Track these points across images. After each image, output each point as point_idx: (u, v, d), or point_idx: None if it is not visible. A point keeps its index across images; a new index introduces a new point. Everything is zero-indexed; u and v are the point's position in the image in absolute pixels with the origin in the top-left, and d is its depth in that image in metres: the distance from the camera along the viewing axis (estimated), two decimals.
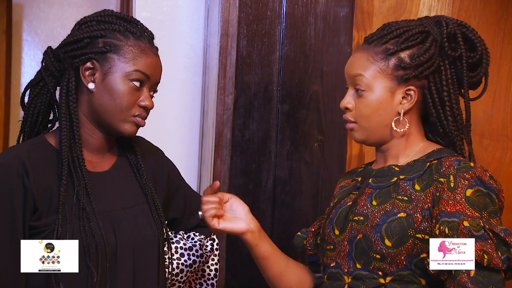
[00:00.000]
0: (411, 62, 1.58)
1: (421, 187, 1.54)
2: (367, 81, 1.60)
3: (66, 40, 1.62)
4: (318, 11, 2.30)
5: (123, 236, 1.59)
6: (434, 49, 1.60)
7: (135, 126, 1.62)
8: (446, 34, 1.61)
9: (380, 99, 1.59)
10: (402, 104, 1.60)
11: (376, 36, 1.64)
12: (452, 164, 1.52)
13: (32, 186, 1.52)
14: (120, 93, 1.58)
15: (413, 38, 1.60)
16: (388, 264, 1.51)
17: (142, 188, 1.68)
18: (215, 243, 1.90)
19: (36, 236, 1.53)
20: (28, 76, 3.09)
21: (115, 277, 1.58)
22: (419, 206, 1.51)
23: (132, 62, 1.59)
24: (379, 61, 1.60)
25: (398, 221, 1.51)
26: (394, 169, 1.60)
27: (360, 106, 1.61)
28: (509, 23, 2.38)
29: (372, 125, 1.61)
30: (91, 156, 1.64)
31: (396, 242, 1.50)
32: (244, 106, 2.27)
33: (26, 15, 3.09)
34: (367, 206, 1.58)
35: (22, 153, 1.55)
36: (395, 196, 1.55)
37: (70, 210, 1.54)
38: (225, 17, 2.24)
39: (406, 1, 2.32)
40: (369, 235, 1.54)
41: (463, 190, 1.47)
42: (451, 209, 1.46)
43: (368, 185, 1.63)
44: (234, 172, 2.27)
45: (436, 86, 1.61)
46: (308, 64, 2.30)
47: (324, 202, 2.32)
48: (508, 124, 2.41)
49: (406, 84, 1.59)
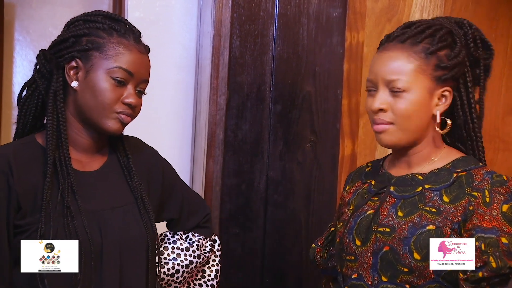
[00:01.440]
0: (449, 62, 1.56)
1: (450, 199, 1.51)
2: (407, 80, 1.55)
3: (55, 41, 1.64)
4: (311, 12, 2.30)
5: (110, 235, 1.59)
6: (464, 50, 1.59)
7: (119, 123, 1.60)
8: (471, 36, 1.60)
9: (421, 100, 1.55)
10: (438, 106, 1.57)
11: (409, 34, 1.58)
12: (485, 178, 1.50)
13: (16, 185, 1.52)
14: (101, 90, 1.58)
15: (444, 38, 1.58)
16: (416, 277, 1.49)
17: (132, 188, 1.68)
18: (217, 244, 1.89)
19: (21, 235, 1.53)
20: (20, 75, 3.08)
21: (101, 277, 1.57)
22: (448, 219, 1.49)
23: (113, 59, 1.58)
24: (419, 60, 1.55)
25: (427, 233, 1.49)
26: (418, 178, 1.57)
27: (399, 106, 1.55)
28: (501, 24, 2.39)
29: (411, 126, 1.56)
30: (81, 156, 1.64)
31: (425, 256, 1.47)
32: (236, 106, 2.27)
33: (18, 14, 3.08)
34: (392, 217, 1.55)
35: (8, 152, 1.55)
36: (422, 207, 1.53)
37: (54, 209, 1.53)
38: (218, 17, 2.24)
39: (398, 2, 2.33)
40: (397, 248, 1.51)
41: (499, 206, 1.45)
42: (487, 225, 1.43)
43: (390, 193, 1.59)
44: (227, 173, 2.27)
45: (465, 87, 1.59)
46: (300, 65, 2.30)
47: (316, 203, 2.32)
48: (500, 125, 2.42)
49: (443, 85, 1.56)
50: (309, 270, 2.31)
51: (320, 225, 2.21)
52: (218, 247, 1.90)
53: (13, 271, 1.54)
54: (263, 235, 1.81)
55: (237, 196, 2.28)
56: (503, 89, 2.41)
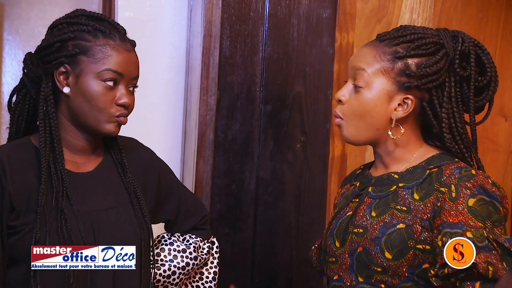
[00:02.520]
0: (417, 71, 1.53)
1: (420, 196, 1.50)
2: (368, 77, 1.55)
3: (40, 46, 1.62)
4: (301, 12, 2.30)
5: (103, 236, 1.58)
6: (443, 63, 1.55)
7: (117, 126, 1.61)
8: (459, 51, 1.55)
9: (376, 100, 1.54)
10: (396, 111, 1.54)
11: (390, 35, 1.58)
12: (453, 173, 1.48)
13: (9, 186, 1.52)
14: (93, 94, 1.57)
15: (425, 47, 1.55)
16: (390, 276, 1.49)
17: (127, 188, 1.68)
18: (215, 246, 1.89)
19: (14, 235, 1.53)
20: (9, 75, 3.07)
21: (94, 278, 1.57)
22: (418, 217, 1.48)
23: (102, 61, 1.57)
24: (385, 61, 1.54)
25: (397, 232, 1.48)
26: (394, 177, 1.56)
27: (354, 102, 1.56)
28: (489, 26, 2.40)
29: (361, 125, 1.56)
30: (75, 157, 1.64)
31: (397, 254, 1.47)
32: (227, 106, 2.27)
33: (7, 14, 3.07)
34: (366, 217, 1.55)
35: (2, 153, 1.55)
36: (393, 206, 1.52)
37: (49, 213, 1.53)
38: (208, 18, 2.24)
39: (388, 3, 2.33)
40: (369, 248, 1.51)
41: (465, 200, 1.43)
42: (454, 220, 1.42)
43: (368, 194, 1.59)
44: (217, 173, 2.27)
45: (439, 101, 1.55)
46: (291, 65, 2.30)
47: (306, 203, 2.32)
48: (489, 125, 2.43)
49: (406, 92, 1.54)
50: (299, 270, 2.31)
51: (310, 225, 2.21)
52: (216, 249, 1.89)
53: (6, 271, 1.54)
54: (253, 235, 1.81)
55: (227, 196, 2.28)
56: None
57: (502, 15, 2.41)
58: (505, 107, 2.44)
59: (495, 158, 2.44)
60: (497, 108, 2.43)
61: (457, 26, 2.37)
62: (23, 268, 1.53)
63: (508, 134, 2.44)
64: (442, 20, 2.37)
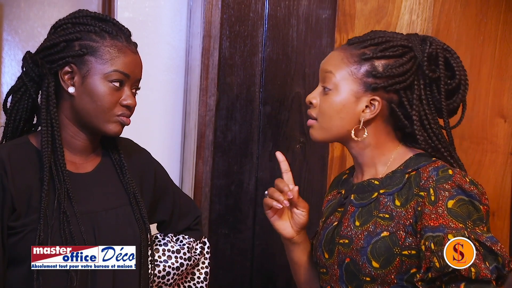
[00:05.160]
0: (383, 72, 1.54)
1: (401, 203, 1.51)
2: (335, 80, 1.57)
3: (43, 45, 1.61)
4: (301, 13, 2.30)
5: (103, 237, 1.59)
6: (411, 65, 1.56)
7: (120, 126, 1.61)
8: (427, 54, 1.57)
9: (344, 101, 1.56)
10: (364, 113, 1.56)
11: (358, 39, 1.61)
12: (430, 175, 1.49)
13: (10, 186, 1.51)
14: (100, 95, 1.57)
15: (392, 49, 1.56)
16: (380, 285, 1.50)
17: (125, 189, 1.68)
18: (206, 247, 1.89)
19: (15, 236, 1.52)
20: (8, 76, 3.06)
21: (95, 278, 1.57)
22: (401, 223, 1.48)
23: (110, 62, 1.57)
24: (352, 64, 1.57)
25: (382, 241, 1.49)
26: (374, 183, 1.57)
27: (323, 104, 1.58)
28: (489, 27, 2.41)
29: (332, 126, 1.58)
30: (75, 158, 1.64)
31: (384, 263, 1.48)
32: (226, 107, 2.27)
33: (6, 14, 3.07)
34: (351, 227, 1.55)
35: (3, 153, 1.54)
36: (376, 214, 1.53)
37: (51, 214, 1.53)
38: (208, 18, 2.24)
39: (387, 4, 2.34)
40: (356, 258, 1.51)
41: (444, 202, 1.44)
42: (434, 223, 1.43)
43: (350, 202, 1.59)
44: (216, 173, 2.27)
45: (409, 102, 1.56)
46: (290, 66, 2.30)
47: None
48: (488, 126, 2.43)
49: (373, 94, 1.55)
50: None
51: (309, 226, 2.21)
52: (207, 249, 1.90)
53: (6, 271, 1.54)
54: (252, 236, 1.81)
55: (226, 197, 2.28)
56: (491, 91, 2.43)
57: (501, 17, 2.42)
58: (504, 108, 2.44)
59: (494, 159, 2.44)
60: (496, 109, 2.44)
61: (456, 27, 2.37)
62: (23, 268, 1.53)
63: (507, 135, 2.45)
64: (441, 21, 2.37)
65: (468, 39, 2.40)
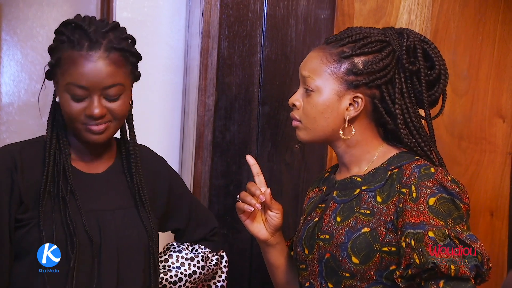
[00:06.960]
0: (364, 68, 1.55)
1: (382, 199, 1.51)
2: (317, 81, 1.57)
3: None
4: (299, 13, 2.30)
5: (108, 236, 1.61)
6: (390, 60, 1.57)
7: (93, 134, 1.59)
8: (405, 47, 1.57)
9: (327, 102, 1.56)
10: (348, 111, 1.56)
11: (336, 38, 1.61)
12: (412, 173, 1.49)
13: (19, 180, 1.56)
14: (63, 106, 1.59)
15: (371, 45, 1.57)
16: (359, 280, 1.50)
17: (134, 192, 1.69)
18: (224, 260, 1.90)
19: (21, 229, 1.57)
20: (7, 76, 3.06)
21: (100, 277, 1.59)
22: (382, 219, 1.49)
23: (66, 74, 1.56)
24: (332, 63, 1.57)
25: (362, 237, 1.49)
26: (357, 180, 1.58)
27: (307, 106, 1.59)
28: (487, 27, 2.41)
29: (317, 127, 1.58)
30: (86, 158, 1.67)
31: (363, 259, 1.48)
32: (225, 107, 2.27)
33: (4, 14, 3.06)
34: (332, 223, 1.56)
35: (15, 149, 1.60)
36: (357, 210, 1.53)
37: (53, 207, 1.57)
38: (206, 18, 2.24)
39: (386, 4, 2.34)
40: (336, 254, 1.52)
41: (425, 200, 1.44)
42: (415, 220, 1.43)
43: (333, 199, 1.60)
44: (215, 174, 2.27)
45: (390, 97, 1.57)
46: (289, 66, 2.30)
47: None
48: (486, 126, 2.43)
49: (355, 91, 1.56)
50: None
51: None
52: (225, 263, 1.90)
53: (12, 264, 1.57)
54: (251, 236, 1.81)
55: (225, 197, 2.28)
56: (490, 91, 2.43)
57: (499, 17, 2.42)
58: (502, 108, 2.44)
59: (492, 159, 2.45)
60: (495, 109, 2.44)
61: (455, 27, 2.38)
62: (27, 261, 1.56)
63: (505, 135, 2.45)
64: (440, 21, 2.37)
65: (467, 39, 2.40)
